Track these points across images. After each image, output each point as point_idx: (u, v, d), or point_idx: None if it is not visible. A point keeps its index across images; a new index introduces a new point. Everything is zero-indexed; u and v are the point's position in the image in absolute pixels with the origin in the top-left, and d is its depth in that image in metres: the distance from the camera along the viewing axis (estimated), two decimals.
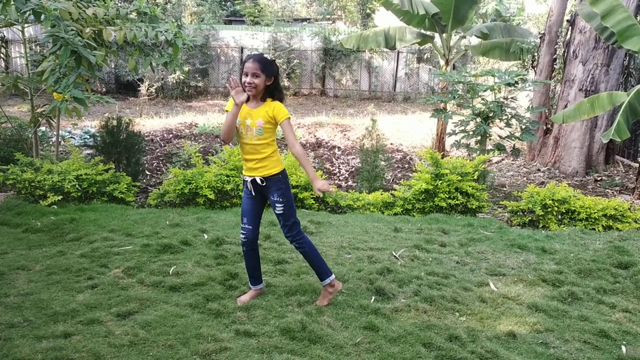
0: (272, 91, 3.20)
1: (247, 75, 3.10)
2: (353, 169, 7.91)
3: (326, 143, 9.74)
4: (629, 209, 5.52)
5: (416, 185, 5.73)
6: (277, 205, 3.23)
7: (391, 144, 9.99)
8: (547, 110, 8.98)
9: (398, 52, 17.68)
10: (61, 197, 5.32)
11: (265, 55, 3.22)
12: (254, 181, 3.23)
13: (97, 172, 5.58)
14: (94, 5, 5.40)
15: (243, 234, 3.32)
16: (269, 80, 3.15)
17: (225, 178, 5.60)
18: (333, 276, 3.39)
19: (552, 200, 5.37)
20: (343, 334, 3.00)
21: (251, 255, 3.37)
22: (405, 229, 5.07)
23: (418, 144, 10.16)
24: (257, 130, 3.16)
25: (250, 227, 3.31)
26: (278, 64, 16.60)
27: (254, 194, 3.29)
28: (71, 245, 4.27)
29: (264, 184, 3.22)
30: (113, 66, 16.31)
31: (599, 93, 7.04)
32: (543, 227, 5.42)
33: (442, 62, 9.59)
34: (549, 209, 5.38)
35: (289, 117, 3.18)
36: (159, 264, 3.89)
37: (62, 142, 7.60)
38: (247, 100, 3.14)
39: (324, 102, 16.72)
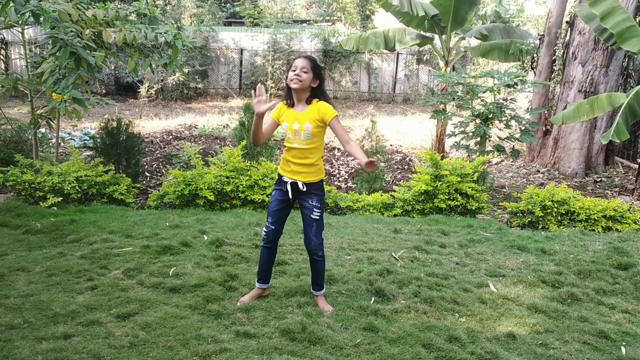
0: (318, 94, 3.15)
1: (295, 69, 3.07)
2: (352, 170, 7.92)
3: (326, 144, 9.74)
4: (629, 210, 5.53)
5: (416, 187, 5.73)
6: (314, 210, 3.18)
7: (391, 145, 10.00)
8: (546, 112, 8.99)
9: (397, 54, 17.70)
10: (61, 198, 5.32)
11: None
12: (294, 184, 3.19)
13: (97, 173, 5.58)
14: (93, 7, 5.41)
15: (265, 232, 3.31)
16: (315, 82, 3.12)
17: (225, 179, 5.60)
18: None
19: (552, 201, 5.38)
20: (343, 335, 3.00)
21: (268, 253, 3.36)
22: (405, 230, 5.07)
23: (418, 145, 10.17)
24: (305, 134, 3.12)
25: (274, 227, 3.29)
26: (277, 65, 16.66)
27: (285, 195, 3.24)
28: (71, 247, 4.27)
29: (305, 189, 3.18)
30: (113, 68, 16.31)
31: (598, 94, 7.05)
32: (542, 228, 5.43)
33: (441, 64, 9.61)
34: (549, 210, 5.38)
35: (337, 115, 3.13)
36: (159, 265, 3.89)
37: (62, 144, 7.61)
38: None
39: None
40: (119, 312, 3.11)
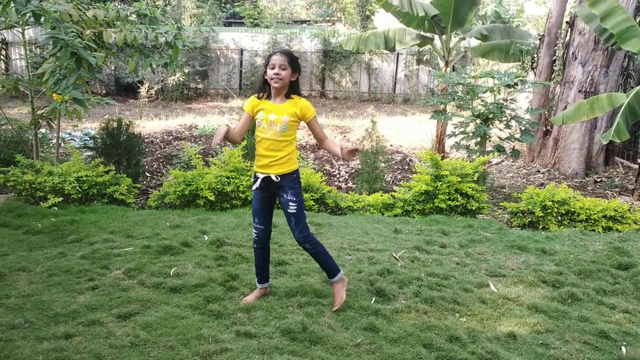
0: (295, 88, 3.21)
1: (273, 68, 3.10)
2: (353, 171, 7.92)
3: None
4: (629, 210, 5.53)
5: (416, 187, 5.73)
6: (290, 204, 3.20)
7: (391, 145, 10.00)
8: (546, 112, 8.99)
9: (398, 54, 17.70)
10: (62, 198, 5.33)
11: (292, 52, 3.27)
12: (267, 178, 3.21)
13: (98, 173, 5.58)
14: (94, 7, 5.41)
15: (255, 233, 3.33)
16: (294, 75, 3.17)
17: (226, 180, 5.60)
18: (342, 272, 3.41)
19: (552, 201, 5.38)
20: (343, 335, 3.00)
21: (261, 254, 3.39)
22: (405, 230, 5.08)
23: (418, 145, 10.17)
24: (282, 126, 3.15)
25: (262, 227, 3.32)
26: None
27: (263, 192, 3.26)
28: (72, 247, 4.28)
29: (279, 180, 3.19)
30: (113, 68, 16.32)
31: (598, 94, 7.05)
32: (543, 229, 5.43)
33: (441, 64, 9.61)
34: (549, 210, 5.39)
35: (315, 115, 3.23)
36: (160, 265, 3.90)
37: (63, 144, 7.61)
38: (267, 97, 3.17)
39: (324, 103, 16.74)
40: (120, 312, 3.12)
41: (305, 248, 3.29)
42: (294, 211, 3.20)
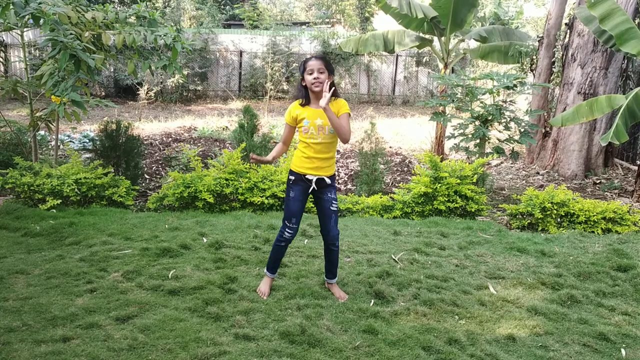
0: (334, 90, 3.27)
1: (312, 73, 3.21)
2: (352, 173, 7.92)
3: None
4: (628, 211, 5.52)
5: (415, 189, 5.73)
6: (333, 202, 3.37)
7: (390, 147, 10.01)
8: (545, 114, 9.00)
9: (397, 56, 17.72)
10: (60, 201, 5.32)
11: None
12: (321, 180, 3.33)
13: (96, 175, 5.57)
14: (93, 10, 5.41)
15: (289, 233, 3.41)
16: (330, 77, 3.26)
17: (225, 182, 5.60)
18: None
19: (551, 203, 5.38)
20: (342, 338, 2.99)
21: (284, 251, 3.53)
22: (405, 232, 5.07)
23: (417, 147, 10.18)
24: (330, 129, 3.26)
25: (297, 226, 3.43)
26: (277, 68, 16.68)
27: (304, 194, 3.37)
28: (70, 249, 4.27)
29: (330, 181, 3.36)
30: (112, 70, 16.32)
31: (597, 96, 7.05)
32: (542, 230, 5.43)
33: (440, 66, 9.61)
34: (548, 212, 5.38)
35: (349, 113, 3.33)
36: (158, 267, 3.89)
37: (61, 146, 7.61)
38: (306, 103, 3.29)
39: None
40: (118, 315, 3.11)
41: (335, 245, 3.44)
42: (335, 209, 3.39)
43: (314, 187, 3.34)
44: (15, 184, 5.36)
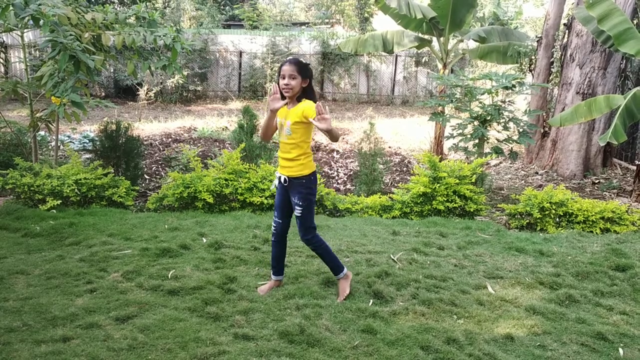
0: (308, 93, 3.34)
1: (284, 78, 3.25)
2: (351, 173, 7.93)
3: (325, 146, 9.76)
4: (627, 211, 5.53)
5: (414, 189, 5.74)
6: (296, 207, 3.40)
7: (389, 147, 10.02)
8: (544, 114, 9.01)
9: (396, 56, 17.73)
10: (60, 201, 5.33)
11: (301, 59, 3.41)
12: (288, 180, 3.39)
13: (96, 176, 5.59)
14: (92, 10, 5.42)
15: (274, 226, 3.55)
16: (305, 82, 3.30)
17: (224, 182, 5.61)
18: (345, 269, 3.59)
19: (550, 203, 5.39)
20: (341, 337, 3.01)
21: (278, 247, 3.58)
22: (404, 232, 5.08)
23: (416, 147, 10.19)
24: (286, 130, 3.32)
25: (280, 221, 3.51)
26: (276, 68, 16.67)
27: (282, 188, 3.45)
28: (70, 250, 4.28)
29: (286, 183, 3.38)
30: (112, 70, 16.33)
31: (596, 96, 7.07)
32: (541, 230, 5.44)
33: (440, 66, 9.63)
34: (547, 212, 5.40)
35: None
36: (158, 267, 3.90)
37: (61, 147, 7.62)
38: (286, 104, 3.32)
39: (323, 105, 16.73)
40: (118, 315, 3.12)
41: (311, 248, 3.51)
42: (299, 215, 3.40)
43: (277, 185, 3.45)
44: (16, 184, 5.37)
